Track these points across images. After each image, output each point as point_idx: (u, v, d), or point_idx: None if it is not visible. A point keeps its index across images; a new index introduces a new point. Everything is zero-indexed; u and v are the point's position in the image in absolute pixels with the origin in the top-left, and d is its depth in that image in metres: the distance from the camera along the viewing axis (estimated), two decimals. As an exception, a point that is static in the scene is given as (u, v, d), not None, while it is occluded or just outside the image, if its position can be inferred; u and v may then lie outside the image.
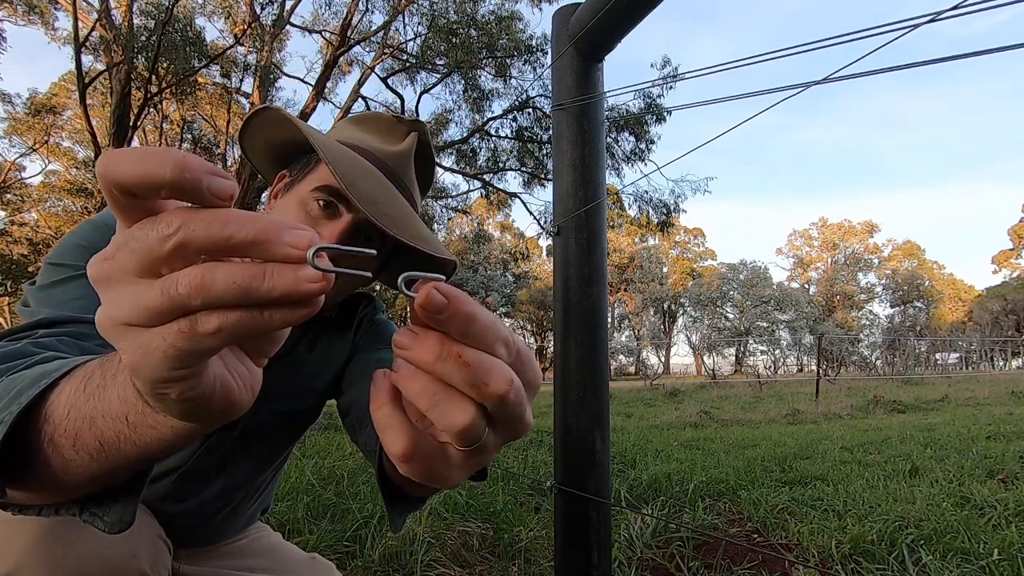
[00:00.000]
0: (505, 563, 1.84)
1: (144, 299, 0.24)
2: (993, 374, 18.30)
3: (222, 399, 0.28)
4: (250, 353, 0.30)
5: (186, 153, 0.24)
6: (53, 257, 0.61)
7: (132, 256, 0.24)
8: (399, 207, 0.68)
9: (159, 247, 0.24)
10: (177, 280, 0.24)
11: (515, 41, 9.36)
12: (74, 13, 7.77)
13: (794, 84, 0.72)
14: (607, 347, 1.03)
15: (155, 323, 0.24)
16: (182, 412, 0.28)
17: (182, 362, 0.25)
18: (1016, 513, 2.22)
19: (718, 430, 5.78)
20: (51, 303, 0.57)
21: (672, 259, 42.66)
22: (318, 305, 0.26)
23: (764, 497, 2.54)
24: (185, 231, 0.24)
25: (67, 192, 18.27)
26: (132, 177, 0.23)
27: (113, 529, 0.38)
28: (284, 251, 0.24)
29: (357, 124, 0.78)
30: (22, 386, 0.35)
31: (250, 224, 0.24)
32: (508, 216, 35.98)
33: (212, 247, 0.24)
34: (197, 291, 0.23)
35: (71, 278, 0.59)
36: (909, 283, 37.45)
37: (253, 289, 0.24)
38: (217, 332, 0.24)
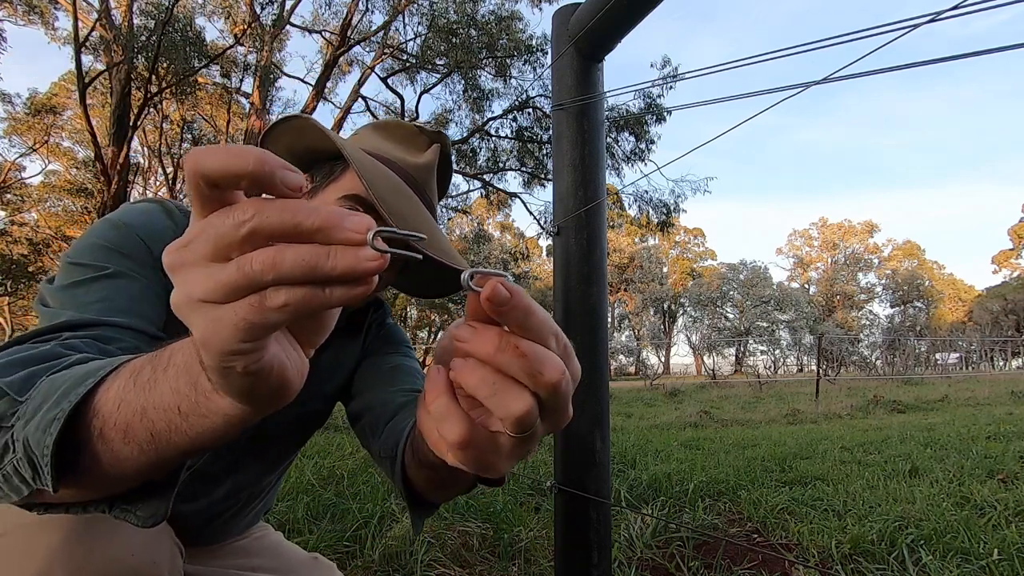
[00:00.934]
0: (505, 563, 1.84)
1: (220, 276, 0.27)
2: (993, 374, 18.30)
3: (278, 377, 0.30)
4: (301, 341, 0.33)
5: (263, 150, 0.27)
6: (74, 256, 0.61)
7: (209, 241, 0.27)
8: (423, 220, 0.70)
9: (234, 232, 0.26)
10: (252, 258, 0.26)
11: (515, 41, 9.36)
12: (74, 13, 7.77)
13: (794, 84, 0.72)
14: (607, 347, 1.03)
15: (229, 299, 0.27)
16: (243, 388, 0.30)
17: (250, 334, 0.27)
18: (1016, 513, 2.22)
19: (718, 430, 5.78)
20: (73, 304, 0.56)
21: (672, 259, 42.66)
22: (373, 284, 0.28)
23: (764, 497, 2.54)
24: (259, 218, 0.26)
25: (67, 192, 18.27)
26: (218, 169, 0.26)
27: (147, 523, 0.40)
28: (345, 235, 0.27)
29: (380, 132, 0.78)
30: (68, 385, 0.37)
31: (316, 212, 0.27)
32: (508, 216, 35.95)
33: (281, 233, 0.26)
34: (270, 267, 0.26)
35: (93, 279, 0.59)
36: (909, 283, 37.45)
37: (319, 266, 0.26)
38: (284, 306, 0.27)
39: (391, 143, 0.76)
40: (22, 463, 0.37)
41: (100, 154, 8.10)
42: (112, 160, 8.20)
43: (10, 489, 0.39)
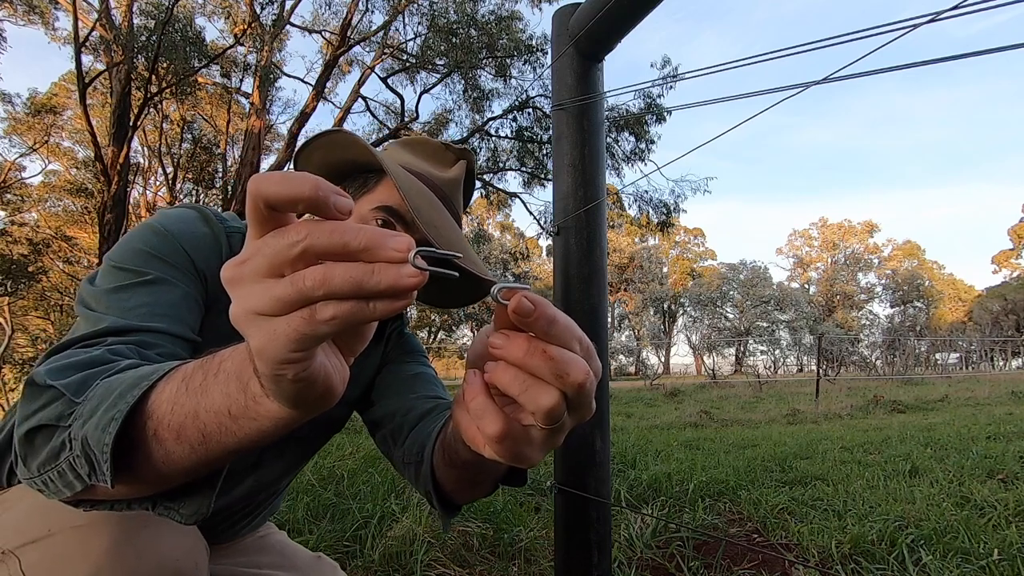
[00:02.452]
0: (505, 563, 1.84)
1: (275, 291, 0.29)
2: (993, 374, 18.29)
3: (324, 383, 0.33)
4: (343, 350, 0.36)
5: (318, 177, 0.30)
6: (117, 259, 0.62)
7: (266, 258, 0.30)
8: (454, 231, 0.74)
9: (289, 251, 0.29)
10: (304, 275, 0.29)
11: (515, 41, 9.35)
12: (74, 13, 7.77)
13: (794, 84, 0.72)
14: (607, 347, 1.03)
15: (283, 312, 0.29)
16: (292, 393, 0.33)
17: (301, 344, 0.30)
18: (1016, 513, 2.21)
19: (718, 430, 5.78)
20: (117, 309, 0.57)
21: (672, 259, 42.65)
22: (412, 298, 0.31)
23: (764, 497, 2.54)
24: (311, 238, 0.29)
25: (67, 192, 18.26)
26: (278, 194, 0.29)
27: (189, 521, 0.43)
28: (388, 254, 0.29)
29: (409, 148, 0.81)
30: (123, 388, 0.40)
31: (362, 233, 0.29)
32: (508, 216, 35.94)
33: (331, 252, 0.29)
34: (320, 283, 0.28)
35: (136, 284, 0.60)
36: (909, 283, 37.44)
37: (364, 283, 0.29)
38: (332, 319, 0.29)
39: (420, 158, 0.79)
40: (79, 460, 0.40)
41: (100, 154, 8.10)
42: (112, 160, 8.20)
43: (64, 484, 0.42)
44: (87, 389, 0.43)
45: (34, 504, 0.57)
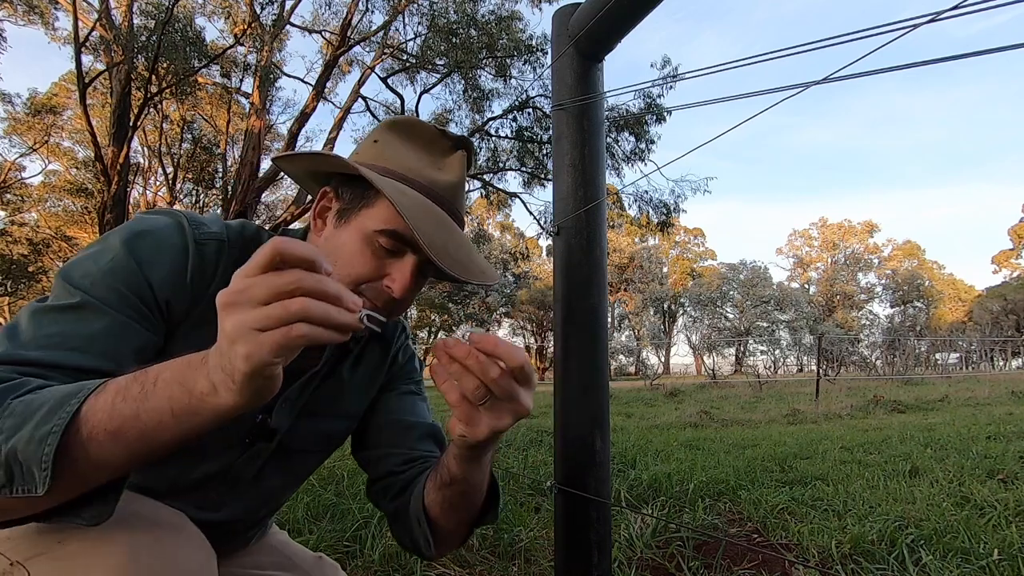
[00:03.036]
0: (505, 563, 1.84)
1: (268, 311, 0.42)
2: (993, 374, 18.29)
3: (277, 381, 0.46)
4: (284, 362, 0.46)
5: (317, 251, 0.44)
6: (64, 273, 0.59)
7: (265, 290, 0.42)
8: (462, 247, 0.70)
9: (286, 286, 0.42)
10: (293, 302, 0.42)
11: (515, 41, 9.35)
12: (74, 13, 7.77)
13: (794, 84, 0.72)
14: (607, 347, 1.03)
15: (270, 327, 0.42)
16: (258, 388, 0.44)
17: (280, 352, 0.42)
18: (1016, 513, 2.21)
19: (718, 430, 5.78)
20: (31, 333, 0.55)
21: (672, 259, 42.64)
22: (348, 336, 0.46)
23: (764, 497, 2.54)
24: (303, 282, 0.42)
25: (67, 192, 18.26)
26: (294, 254, 0.42)
27: (92, 523, 0.49)
28: (348, 305, 0.45)
29: (402, 136, 0.73)
30: (52, 403, 0.46)
31: (334, 286, 0.44)
32: (508, 216, 35.92)
33: (313, 293, 0.42)
34: (302, 311, 0.42)
35: (61, 309, 0.57)
36: (909, 283, 37.44)
37: (331, 317, 0.43)
38: (301, 336, 0.42)
39: (415, 151, 0.73)
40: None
41: (100, 154, 8.10)
42: (112, 160, 8.20)
43: None
44: (5, 407, 0.46)
45: None
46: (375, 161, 0.70)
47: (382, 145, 0.72)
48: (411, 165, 0.71)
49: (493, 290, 28.37)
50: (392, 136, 0.73)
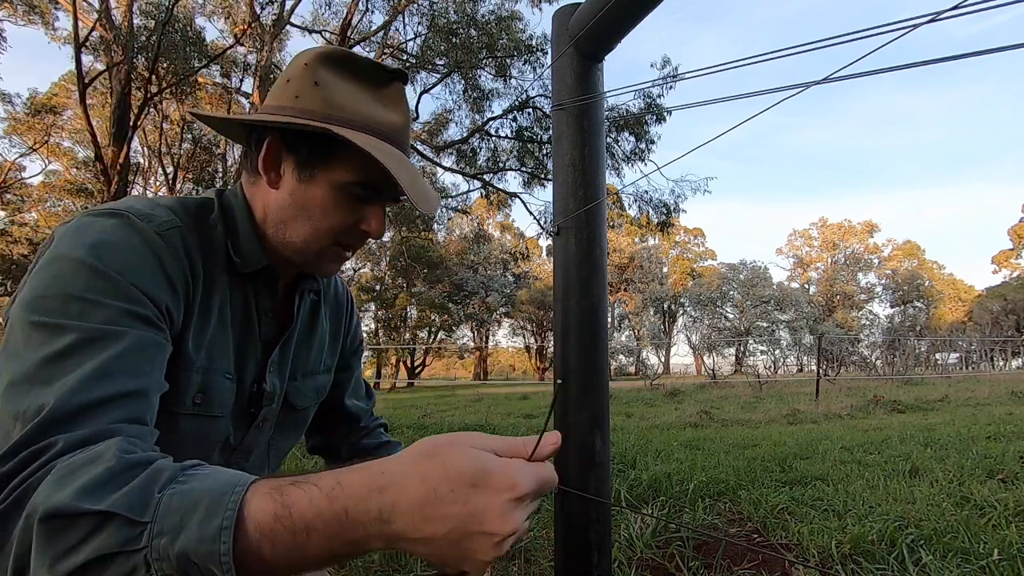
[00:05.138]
0: (505, 563, 1.84)
1: (527, 511, 0.44)
2: (993, 374, 18.28)
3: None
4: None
5: (549, 472, 0.45)
6: (42, 312, 0.51)
7: (517, 492, 0.41)
8: (420, 182, 0.72)
9: (527, 487, 0.42)
10: (527, 488, 0.42)
11: (515, 41, 9.36)
12: (74, 13, 7.77)
13: (794, 84, 0.72)
14: (607, 347, 1.03)
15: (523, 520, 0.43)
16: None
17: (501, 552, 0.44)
18: (1016, 513, 2.21)
19: (718, 430, 5.78)
20: (61, 380, 0.48)
21: (672, 259, 42.64)
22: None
23: (764, 497, 2.54)
24: (547, 485, 0.45)
25: (67, 192, 18.27)
26: (531, 487, 0.42)
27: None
28: (553, 482, 0.46)
29: (344, 76, 0.70)
30: (210, 497, 0.40)
31: (552, 476, 0.45)
32: (508, 216, 35.96)
33: (549, 487, 0.45)
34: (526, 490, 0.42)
35: (76, 345, 0.50)
36: (909, 283, 37.43)
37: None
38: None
39: (359, 90, 0.70)
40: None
41: (100, 154, 8.10)
42: (112, 160, 8.20)
43: None
44: (149, 506, 0.40)
45: None
46: (327, 109, 0.68)
47: (326, 89, 0.69)
48: (362, 109, 0.70)
49: (493, 290, 28.36)
50: (332, 76, 0.69)
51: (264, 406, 0.77)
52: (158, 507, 0.40)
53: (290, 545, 0.40)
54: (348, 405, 0.99)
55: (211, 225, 0.69)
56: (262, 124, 0.69)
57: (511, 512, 0.41)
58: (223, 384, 0.69)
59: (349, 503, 0.40)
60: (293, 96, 0.69)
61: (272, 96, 0.72)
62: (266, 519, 0.40)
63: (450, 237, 27.99)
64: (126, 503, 0.40)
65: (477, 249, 25.36)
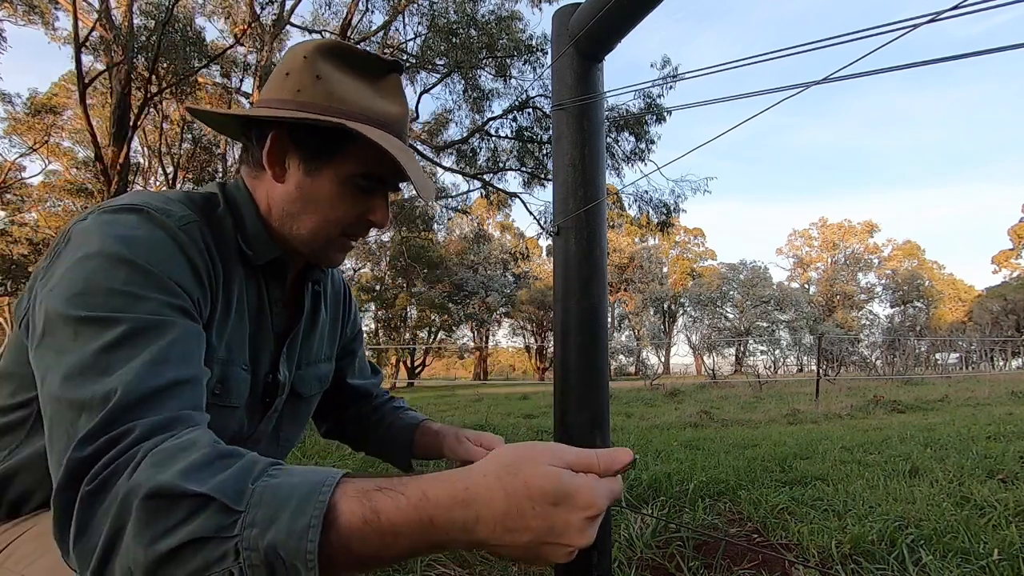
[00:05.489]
0: (505, 563, 1.84)
1: (598, 523, 0.46)
2: (993, 374, 18.28)
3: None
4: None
5: (619, 486, 0.48)
6: (86, 307, 0.51)
7: (594, 509, 0.44)
8: (421, 171, 0.73)
9: (601, 503, 0.45)
10: (601, 504, 0.45)
11: (515, 41, 9.35)
12: (74, 13, 7.77)
13: (794, 84, 0.72)
14: (607, 347, 1.03)
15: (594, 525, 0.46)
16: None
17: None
18: (1016, 513, 2.21)
19: (718, 430, 5.78)
20: (122, 373, 0.49)
21: (672, 259, 42.64)
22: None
23: (764, 497, 2.54)
24: (615, 494, 0.47)
25: (67, 192, 18.26)
26: (605, 503, 0.45)
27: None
28: (619, 494, 0.48)
29: (343, 68, 0.71)
30: (299, 494, 0.42)
31: (618, 487, 0.48)
32: (508, 216, 35.96)
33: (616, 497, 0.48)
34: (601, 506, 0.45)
35: (126, 336, 0.51)
36: (909, 283, 37.43)
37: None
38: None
39: (359, 82, 0.71)
40: (256, 569, 0.40)
41: (100, 154, 8.09)
42: (112, 160, 8.20)
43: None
44: (244, 495, 0.42)
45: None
46: (330, 102, 0.68)
47: (329, 83, 0.69)
48: (364, 102, 0.70)
49: (493, 290, 28.35)
50: (332, 69, 0.70)
51: (277, 396, 0.78)
52: (251, 498, 0.42)
53: (377, 545, 0.42)
54: (356, 385, 1.02)
55: (220, 218, 0.69)
56: (274, 120, 0.69)
57: (587, 527, 0.44)
58: (240, 375, 0.70)
59: (435, 513, 0.43)
60: (295, 90, 0.69)
61: (270, 89, 0.72)
62: (355, 521, 0.42)
63: (450, 237, 27.98)
64: (224, 489, 0.42)
65: (477, 249, 25.35)
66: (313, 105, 0.68)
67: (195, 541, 0.40)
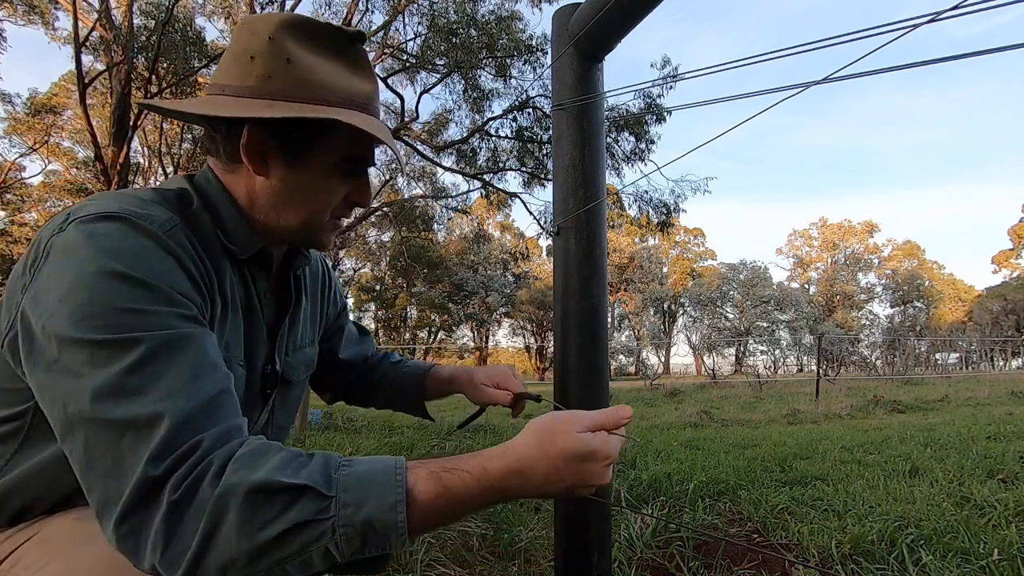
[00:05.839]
0: (505, 563, 1.84)
1: (606, 461, 0.59)
2: (993, 374, 18.28)
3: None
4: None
5: (624, 437, 0.62)
6: (97, 330, 0.50)
7: (614, 456, 0.59)
8: (396, 143, 0.76)
9: (614, 452, 0.60)
10: (613, 458, 0.60)
11: (515, 41, 9.35)
12: (74, 13, 7.77)
13: (794, 84, 0.72)
14: (607, 347, 1.03)
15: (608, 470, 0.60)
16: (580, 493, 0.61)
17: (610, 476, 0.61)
18: (1016, 513, 2.21)
19: (718, 430, 5.78)
20: (162, 393, 0.50)
21: (672, 259, 42.62)
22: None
23: (764, 497, 2.54)
24: (618, 447, 0.60)
25: (67, 192, 18.26)
26: (616, 452, 0.60)
27: (380, 570, 0.57)
28: (619, 449, 0.62)
29: (312, 48, 0.67)
30: (377, 477, 0.51)
31: (624, 442, 0.62)
32: (508, 216, 35.91)
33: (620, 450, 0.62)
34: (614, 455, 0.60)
35: (152, 354, 0.51)
36: (909, 283, 37.41)
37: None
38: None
39: (329, 60, 0.68)
40: (351, 540, 0.49)
41: (100, 154, 8.10)
42: (112, 160, 8.20)
43: (299, 568, 0.48)
44: (332, 483, 0.50)
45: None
46: (307, 88, 0.65)
47: (301, 66, 0.65)
48: (340, 83, 0.68)
49: (493, 290, 28.35)
50: (301, 50, 0.66)
51: (276, 387, 0.79)
52: (339, 484, 0.50)
53: (448, 513, 0.53)
54: (352, 353, 1.04)
55: (196, 215, 0.67)
56: (257, 117, 0.64)
57: (606, 472, 0.58)
58: (237, 372, 0.69)
59: (493, 483, 0.54)
60: (264, 76, 0.65)
61: (233, 74, 0.66)
62: (431, 497, 0.52)
63: (450, 237, 27.96)
64: (316, 479, 0.49)
65: (477, 249, 25.34)
66: (287, 93, 0.64)
67: (297, 525, 0.47)
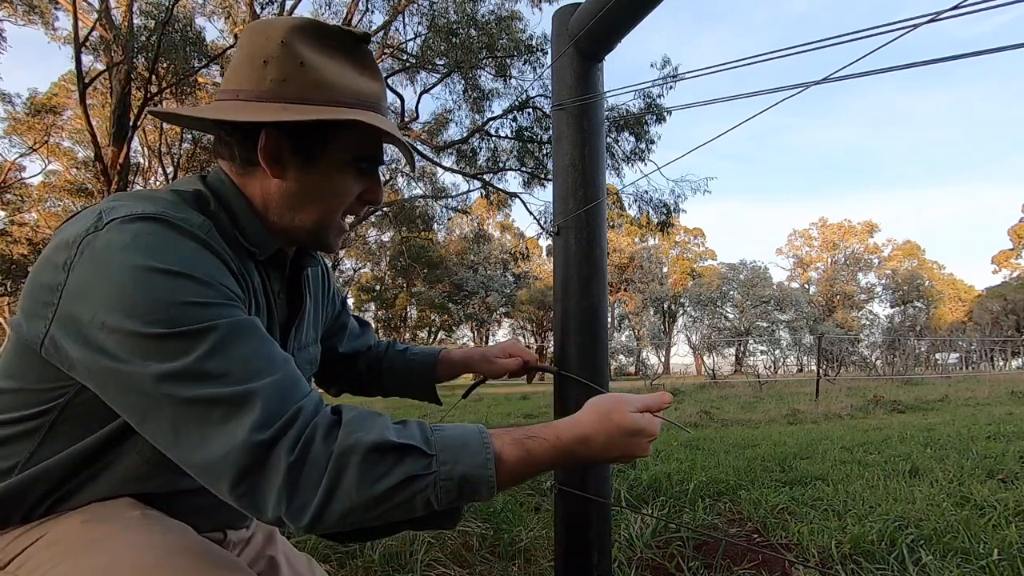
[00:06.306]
0: (505, 563, 1.84)
1: (650, 438, 0.70)
2: (993, 374, 18.27)
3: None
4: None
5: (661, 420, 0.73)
6: (168, 324, 0.53)
7: (655, 434, 0.70)
8: (406, 143, 0.78)
9: (656, 431, 0.70)
10: (655, 434, 0.70)
11: (515, 41, 9.36)
12: (74, 13, 7.77)
13: (794, 84, 0.72)
14: (607, 347, 1.03)
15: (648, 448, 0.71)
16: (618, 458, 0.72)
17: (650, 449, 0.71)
18: (1016, 513, 2.21)
19: (718, 430, 5.78)
20: (246, 368, 0.55)
21: (672, 259, 42.63)
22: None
23: (764, 497, 2.54)
24: (657, 427, 0.70)
25: (67, 192, 18.27)
26: (657, 430, 0.70)
27: (454, 526, 0.70)
28: (657, 427, 0.72)
29: (324, 51, 0.69)
30: (468, 439, 0.61)
31: (658, 423, 0.71)
32: (508, 216, 35.92)
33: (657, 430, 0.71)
34: (655, 434, 0.70)
35: (227, 339, 0.55)
36: (909, 283, 37.43)
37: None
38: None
39: (339, 63, 0.70)
40: (449, 491, 0.58)
41: (100, 154, 8.10)
42: (112, 160, 8.20)
43: (404, 513, 0.57)
44: (431, 443, 0.58)
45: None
46: (319, 91, 0.67)
47: (315, 69, 0.67)
48: (351, 84, 0.70)
49: (493, 290, 28.36)
50: (313, 53, 0.67)
51: None
52: (436, 445, 0.58)
53: (527, 473, 0.64)
54: (355, 346, 1.07)
55: (215, 215, 0.68)
56: (277, 122, 0.65)
57: (648, 446, 0.70)
58: None
59: (565, 448, 0.65)
60: (280, 80, 0.66)
61: (245, 79, 0.67)
62: (515, 459, 0.62)
63: (450, 237, 27.97)
64: (418, 440, 0.58)
65: (477, 249, 25.36)
66: (303, 96, 0.66)
67: (408, 479, 0.56)
